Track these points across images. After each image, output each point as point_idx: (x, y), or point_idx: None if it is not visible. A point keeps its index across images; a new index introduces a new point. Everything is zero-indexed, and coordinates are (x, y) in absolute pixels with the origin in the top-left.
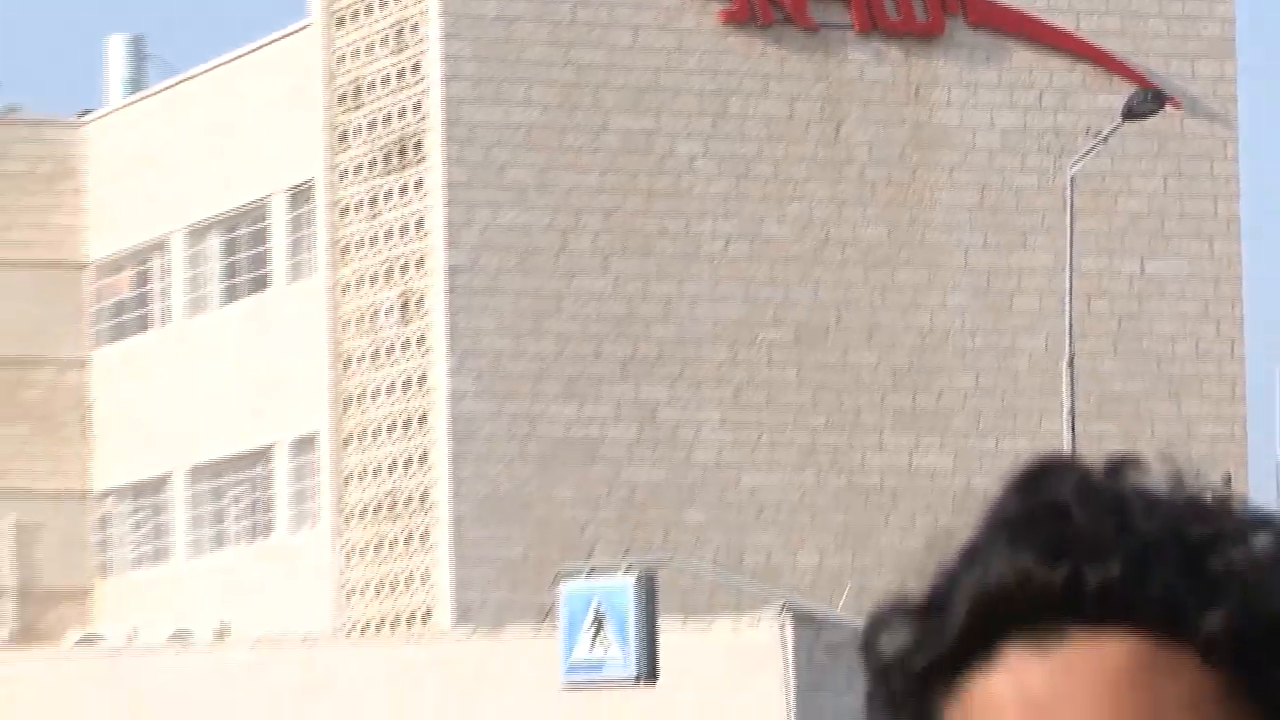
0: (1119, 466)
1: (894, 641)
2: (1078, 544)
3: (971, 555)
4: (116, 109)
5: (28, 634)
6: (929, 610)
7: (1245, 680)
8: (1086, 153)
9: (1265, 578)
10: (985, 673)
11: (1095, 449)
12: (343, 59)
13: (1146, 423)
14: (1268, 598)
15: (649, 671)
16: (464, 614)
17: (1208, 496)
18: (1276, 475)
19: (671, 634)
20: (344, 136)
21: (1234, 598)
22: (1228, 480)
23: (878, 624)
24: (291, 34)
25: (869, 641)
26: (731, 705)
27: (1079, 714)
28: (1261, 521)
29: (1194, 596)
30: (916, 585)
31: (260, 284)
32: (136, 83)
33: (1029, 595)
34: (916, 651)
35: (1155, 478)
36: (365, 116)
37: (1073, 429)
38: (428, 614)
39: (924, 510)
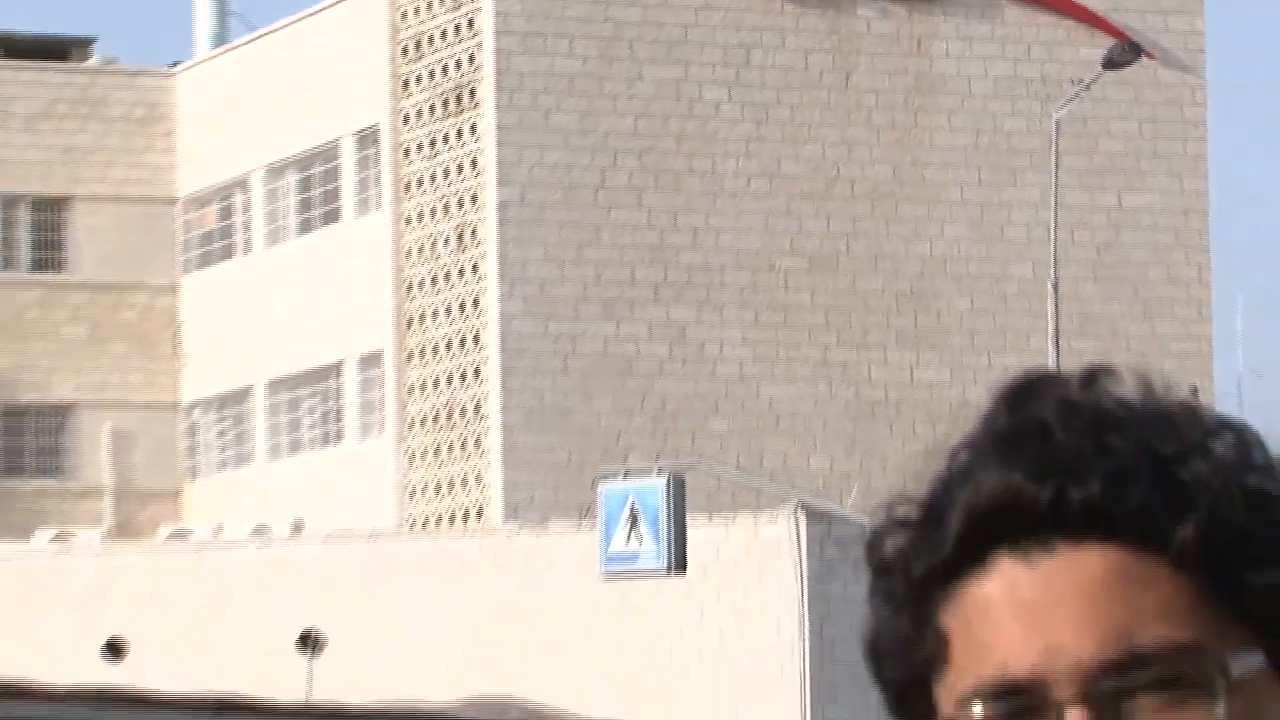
0: (1095, 378)
1: (895, 548)
2: (1061, 464)
3: (966, 472)
4: (203, 61)
5: (124, 530)
6: (927, 521)
7: (1216, 585)
8: (1070, 99)
9: (1230, 484)
10: (978, 580)
11: (1076, 364)
12: (405, 15)
13: (1122, 340)
14: (1233, 506)
15: (678, 562)
16: (513, 511)
17: (1177, 406)
18: (1238, 387)
19: (698, 529)
20: (406, 85)
21: (1203, 508)
22: (1194, 392)
23: (881, 531)
24: None
25: (873, 546)
26: (751, 592)
27: (1063, 619)
28: (1224, 426)
29: (1167, 509)
30: (916, 491)
31: (332, 217)
32: (220, 37)
33: (1018, 511)
34: (916, 558)
35: (1128, 388)
36: (425, 67)
37: (1056, 346)
38: (480, 512)
39: (924, 419)
